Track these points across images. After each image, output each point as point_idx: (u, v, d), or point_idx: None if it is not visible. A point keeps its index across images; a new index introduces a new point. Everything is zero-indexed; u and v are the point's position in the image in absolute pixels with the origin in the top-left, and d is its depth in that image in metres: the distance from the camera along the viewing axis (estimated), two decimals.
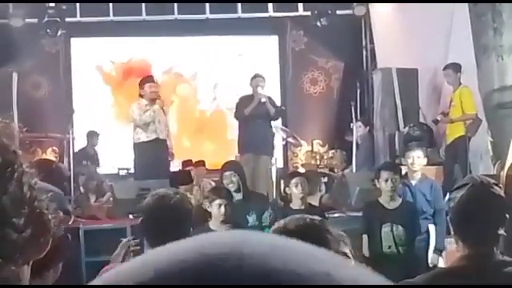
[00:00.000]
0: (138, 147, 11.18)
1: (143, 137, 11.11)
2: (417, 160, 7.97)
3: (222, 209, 6.89)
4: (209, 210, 6.98)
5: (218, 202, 6.95)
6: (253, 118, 11.21)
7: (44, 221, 1.42)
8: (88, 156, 13.04)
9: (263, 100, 11.19)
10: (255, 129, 11.22)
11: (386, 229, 7.18)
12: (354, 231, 6.85)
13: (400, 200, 7.45)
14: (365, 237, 7.20)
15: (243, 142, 11.50)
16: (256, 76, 11.51)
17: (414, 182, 7.93)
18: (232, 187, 8.02)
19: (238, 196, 8.02)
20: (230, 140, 15.09)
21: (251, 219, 7.96)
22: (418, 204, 7.72)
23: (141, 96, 11.22)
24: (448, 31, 11.91)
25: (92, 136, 13.46)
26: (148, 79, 11.52)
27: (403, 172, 8.23)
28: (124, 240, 4.48)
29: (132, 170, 11.90)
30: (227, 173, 8.19)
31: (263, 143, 11.32)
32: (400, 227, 7.17)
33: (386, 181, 7.30)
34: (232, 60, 15.23)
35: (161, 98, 11.30)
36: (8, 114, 11.90)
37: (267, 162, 11.33)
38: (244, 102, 11.41)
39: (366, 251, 7.19)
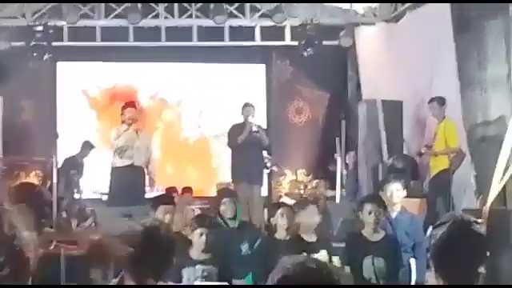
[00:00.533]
0: (114, 172, 11.20)
1: (119, 162, 11.13)
2: (396, 192, 7.95)
3: (203, 238, 6.83)
4: (189, 237, 6.93)
5: (199, 230, 6.88)
6: (245, 146, 11.26)
7: (23, 258, 1.41)
8: (76, 165, 12.94)
9: (254, 129, 11.26)
10: (248, 158, 11.26)
11: (367, 261, 7.16)
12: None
13: (383, 233, 7.44)
14: (346, 268, 7.18)
15: (237, 171, 11.51)
16: (246, 105, 11.58)
17: (393, 215, 7.91)
18: (229, 214, 8.00)
19: (232, 224, 8.00)
20: (214, 168, 15.10)
21: (244, 248, 7.94)
22: (398, 237, 7.70)
23: (122, 122, 11.28)
24: (433, 64, 11.97)
25: (86, 147, 13.32)
26: (128, 105, 11.57)
27: None
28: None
29: None
30: (226, 199, 8.14)
31: (256, 172, 11.37)
32: (381, 259, 7.15)
33: (370, 213, 7.28)
34: (218, 88, 15.24)
35: (137, 122, 11.33)
36: None
37: (259, 192, 11.36)
38: (236, 130, 11.46)
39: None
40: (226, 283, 6.77)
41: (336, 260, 7.10)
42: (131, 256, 3.84)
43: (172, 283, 6.48)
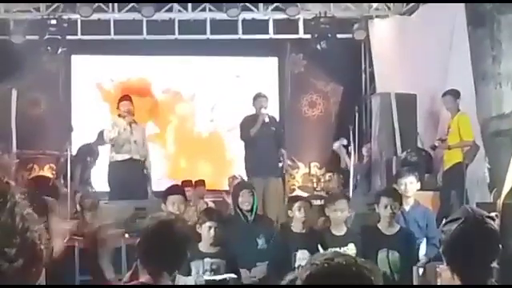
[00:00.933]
0: (112, 166, 11.17)
1: (117, 156, 11.10)
2: (409, 186, 7.96)
3: (212, 231, 6.89)
4: (198, 231, 6.96)
5: (208, 224, 6.93)
6: (259, 139, 11.16)
7: (36, 251, 1.42)
8: (91, 152, 12.94)
9: (266, 120, 11.15)
10: (262, 150, 11.17)
11: (381, 254, 7.17)
12: None
13: (398, 226, 7.45)
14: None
15: (250, 164, 11.43)
16: (258, 96, 11.47)
17: (407, 208, 7.92)
18: (247, 206, 8.00)
19: (249, 216, 8.01)
20: (228, 161, 15.10)
21: (260, 242, 7.96)
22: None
23: (118, 115, 11.27)
24: (447, 58, 11.93)
25: (102, 136, 13.28)
26: (123, 98, 11.54)
27: None
28: None
29: None
30: (245, 191, 8.14)
31: (271, 165, 11.27)
32: (396, 253, 7.16)
33: (386, 207, 7.30)
34: (231, 81, 15.25)
35: (133, 115, 11.28)
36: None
37: (276, 185, 11.27)
38: (248, 122, 11.35)
39: None
40: (233, 275, 6.81)
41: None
42: (145, 248, 3.85)
43: (181, 276, 6.57)
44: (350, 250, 7.13)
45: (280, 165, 11.67)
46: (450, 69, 11.83)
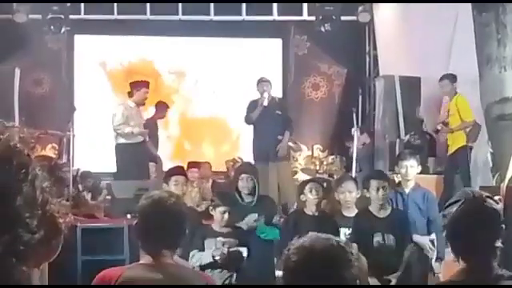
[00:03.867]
0: (122, 148, 11.24)
1: (128, 139, 11.18)
2: (410, 169, 7.94)
3: (226, 216, 7.10)
4: (211, 213, 7.15)
5: (222, 208, 7.14)
6: (261, 123, 11.30)
7: (56, 223, 1.45)
8: None
9: (265, 104, 11.26)
10: (264, 134, 11.36)
11: (377, 238, 7.16)
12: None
13: (390, 209, 7.44)
14: (355, 246, 7.17)
15: (255, 148, 11.65)
16: (261, 80, 11.58)
17: (406, 191, 7.91)
18: (245, 190, 8.02)
19: (248, 199, 8.02)
20: (231, 143, 15.09)
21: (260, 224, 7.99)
22: (410, 213, 7.69)
23: (129, 95, 11.32)
24: (451, 41, 11.89)
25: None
26: (143, 84, 11.61)
27: (397, 181, 8.24)
28: None
29: None
30: (245, 175, 8.16)
31: (273, 149, 11.36)
32: (391, 236, 7.16)
33: (378, 190, 7.30)
34: (234, 62, 15.20)
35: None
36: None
37: (277, 169, 11.35)
38: (251, 106, 11.57)
39: None
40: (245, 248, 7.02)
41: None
42: (141, 228, 3.84)
43: (196, 252, 6.89)
44: None
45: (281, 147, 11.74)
46: (453, 52, 11.80)
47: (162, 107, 13.37)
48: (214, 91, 15.19)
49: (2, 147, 1.42)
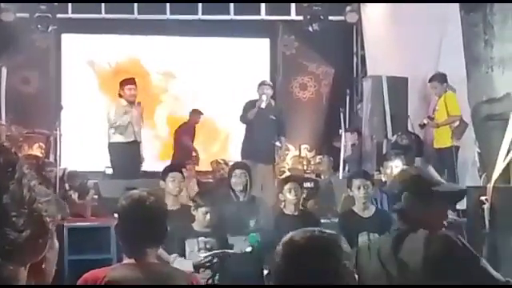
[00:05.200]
0: (115, 147, 11.24)
1: (120, 138, 11.19)
2: (395, 169, 7.95)
3: (208, 216, 6.97)
4: (193, 213, 7.02)
5: (204, 209, 7.00)
6: (256, 124, 11.38)
7: (43, 222, 1.44)
8: None
9: (263, 106, 11.37)
10: (258, 136, 11.46)
11: (362, 238, 7.16)
12: None
13: (374, 208, 7.47)
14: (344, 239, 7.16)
15: (245, 148, 11.73)
16: (263, 83, 11.78)
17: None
18: (239, 187, 8.00)
19: (241, 197, 8.01)
20: (220, 144, 15.09)
21: (252, 223, 7.96)
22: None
23: (120, 96, 11.32)
24: (439, 41, 11.91)
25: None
26: (129, 81, 11.57)
27: (384, 180, 8.24)
28: None
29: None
30: (238, 171, 8.14)
31: (264, 152, 11.42)
32: (376, 235, 7.16)
33: (359, 188, 7.33)
34: (222, 62, 15.18)
35: (136, 101, 11.40)
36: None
37: (266, 171, 11.39)
38: (248, 106, 11.63)
39: None
40: (227, 251, 6.88)
41: None
42: (122, 229, 3.81)
43: (178, 257, 6.72)
44: None
45: (276, 150, 11.84)
46: (441, 52, 11.82)
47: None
48: (200, 91, 15.16)
49: None
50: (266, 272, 7.14)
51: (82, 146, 13.89)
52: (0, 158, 1.42)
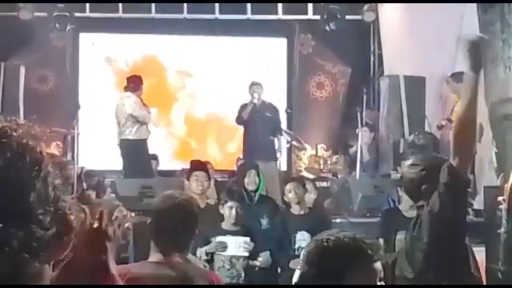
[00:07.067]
0: (127, 144, 11.31)
1: (135, 135, 11.26)
2: None
3: (233, 211, 7.07)
4: (221, 211, 7.13)
5: (229, 204, 7.11)
6: (251, 123, 11.45)
7: (68, 220, 1.47)
8: None
9: (256, 103, 11.51)
10: (254, 135, 11.60)
11: (400, 236, 7.17)
12: None
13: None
14: (381, 241, 7.19)
15: (245, 147, 11.87)
16: (252, 84, 11.88)
17: None
18: (252, 187, 8.04)
19: (254, 197, 8.06)
20: (236, 141, 15.10)
21: (264, 222, 8.01)
22: None
23: (125, 89, 11.44)
24: (456, 40, 11.88)
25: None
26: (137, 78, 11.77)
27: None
28: None
29: None
30: (252, 171, 8.18)
31: (263, 149, 11.46)
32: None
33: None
34: (239, 61, 15.20)
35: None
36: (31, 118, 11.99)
37: (267, 169, 11.39)
38: (242, 107, 11.80)
39: None
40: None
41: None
42: (155, 227, 3.87)
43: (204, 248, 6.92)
44: None
45: (276, 148, 11.91)
46: (458, 52, 11.78)
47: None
48: (216, 90, 15.18)
49: (16, 144, 1.43)
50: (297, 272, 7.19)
51: (99, 144, 13.92)
52: (26, 158, 1.44)
